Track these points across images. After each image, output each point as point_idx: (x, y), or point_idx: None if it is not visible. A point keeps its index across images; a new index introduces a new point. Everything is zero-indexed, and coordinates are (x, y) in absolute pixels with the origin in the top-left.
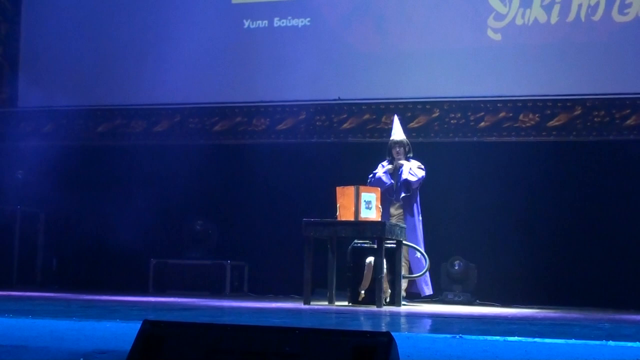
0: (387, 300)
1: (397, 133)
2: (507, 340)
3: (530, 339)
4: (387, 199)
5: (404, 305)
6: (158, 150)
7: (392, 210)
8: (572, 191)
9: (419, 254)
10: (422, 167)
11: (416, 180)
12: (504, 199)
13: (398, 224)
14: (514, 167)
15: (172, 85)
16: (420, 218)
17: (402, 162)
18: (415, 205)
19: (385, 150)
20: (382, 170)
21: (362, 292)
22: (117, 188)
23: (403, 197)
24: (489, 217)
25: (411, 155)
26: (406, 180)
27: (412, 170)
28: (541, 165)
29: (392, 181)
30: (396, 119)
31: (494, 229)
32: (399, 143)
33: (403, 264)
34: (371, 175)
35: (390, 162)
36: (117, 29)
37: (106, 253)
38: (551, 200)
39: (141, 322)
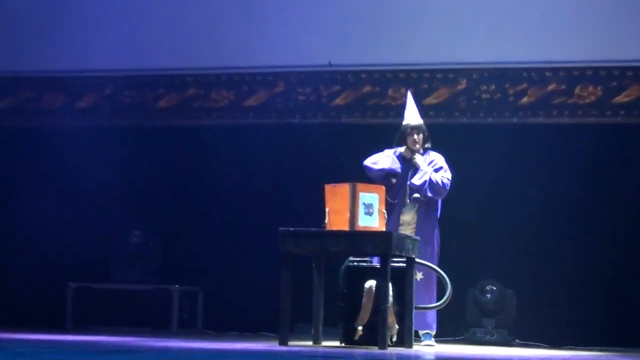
0: (394, 339)
1: (413, 115)
2: None
3: None
4: (392, 198)
5: (427, 345)
6: (81, 132)
7: (403, 217)
8: None
9: (420, 276)
10: (447, 168)
11: (442, 192)
12: (553, 203)
13: (409, 235)
14: (568, 159)
15: (102, 46)
16: (438, 231)
17: (420, 161)
18: (434, 213)
19: (392, 135)
20: (390, 153)
21: (360, 328)
22: (24, 184)
23: (415, 198)
24: (533, 229)
25: (429, 145)
26: (431, 189)
27: (437, 179)
28: (605, 156)
29: (401, 166)
30: (410, 95)
31: (539, 244)
32: (417, 128)
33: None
34: (373, 161)
35: (401, 155)
36: None
37: (7, 273)
38: (618, 206)
39: None
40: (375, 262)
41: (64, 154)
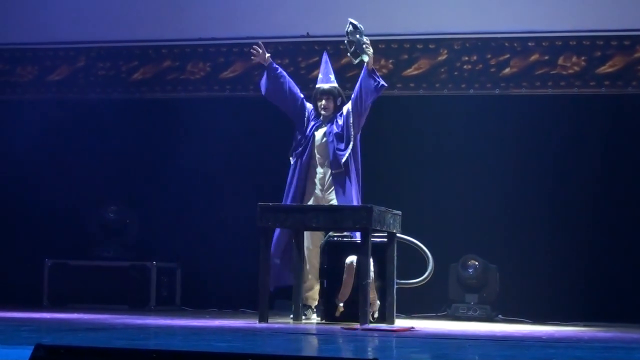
0: (376, 315)
1: (325, 77)
2: None
3: None
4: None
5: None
6: (54, 106)
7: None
8: (630, 167)
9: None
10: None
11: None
12: (536, 176)
13: (389, 210)
14: (551, 132)
15: (75, 17)
16: (359, 189)
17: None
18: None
19: (372, 106)
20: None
21: (341, 304)
22: None
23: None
24: (515, 203)
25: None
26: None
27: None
28: (589, 128)
29: (313, 123)
30: (325, 57)
31: (522, 218)
32: (327, 93)
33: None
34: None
35: (317, 117)
36: None
37: None
38: (601, 178)
39: (33, 347)
40: (356, 238)
41: (39, 128)
